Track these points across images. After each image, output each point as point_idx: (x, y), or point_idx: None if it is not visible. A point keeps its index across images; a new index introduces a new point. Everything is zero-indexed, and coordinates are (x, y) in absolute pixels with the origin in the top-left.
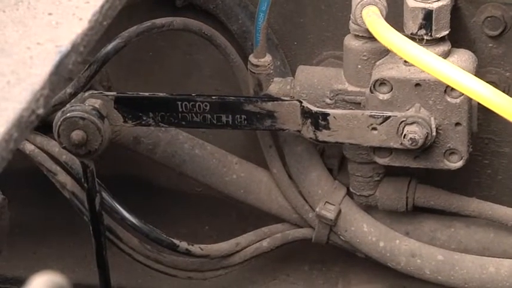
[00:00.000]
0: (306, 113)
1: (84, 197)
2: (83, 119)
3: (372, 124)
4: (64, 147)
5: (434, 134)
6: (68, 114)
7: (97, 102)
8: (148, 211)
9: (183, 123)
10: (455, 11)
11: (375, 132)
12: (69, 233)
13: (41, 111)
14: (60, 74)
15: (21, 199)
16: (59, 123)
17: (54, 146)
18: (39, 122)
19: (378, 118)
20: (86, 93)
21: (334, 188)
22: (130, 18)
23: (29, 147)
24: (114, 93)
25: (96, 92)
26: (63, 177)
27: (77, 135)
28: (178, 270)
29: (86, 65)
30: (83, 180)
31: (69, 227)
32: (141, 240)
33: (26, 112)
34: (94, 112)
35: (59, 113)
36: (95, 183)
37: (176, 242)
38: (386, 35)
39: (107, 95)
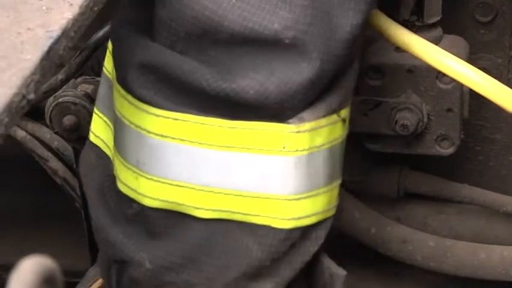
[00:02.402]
0: None
1: (76, 183)
2: (75, 104)
3: (362, 110)
4: (56, 133)
5: (425, 120)
6: (60, 100)
7: (89, 88)
8: None
9: None
10: None
11: (366, 118)
12: (61, 219)
13: (31, 96)
14: (50, 60)
15: (13, 185)
16: (51, 108)
17: (45, 133)
18: (31, 108)
19: (369, 104)
20: (78, 79)
21: None
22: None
23: (20, 134)
24: None
25: (88, 77)
26: (54, 163)
27: (68, 120)
28: None
29: (77, 52)
30: (74, 166)
31: (60, 214)
32: None
33: (16, 97)
34: (86, 97)
35: (51, 98)
36: None
37: None
38: (378, 21)
39: (99, 81)
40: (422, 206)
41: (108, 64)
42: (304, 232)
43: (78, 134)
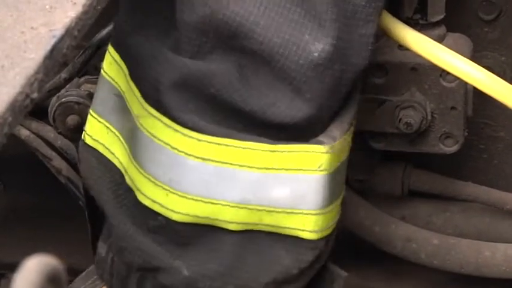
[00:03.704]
0: None
1: (80, 182)
2: (78, 103)
3: (367, 108)
4: (59, 132)
5: (429, 118)
6: (63, 99)
7: (92, 88)
8: None
9: None
10: None
11: (370, 116)
12: (65, 218)
13: (35, 95)
14: (54, 58)
15: (17, 184)
16: (54, 108)
17: (49, 132)
18: (35, 107)
19: (373, 103)
20: (81, 79)
21: None
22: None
23: (24, 133)
24: None
25: (91, 77)
26: (58, 162)
27: (72, 120)
28: None
29: (80, 51)
30: (76, 162)
31: (65, 212)
32: None
33: (20, 96)
34: (89, 97)
35: (54, 98)
36: None
37: None
38: (381, 19)
39: None
40: (426, 204)
41: (110, 70)
42: (327, 241)
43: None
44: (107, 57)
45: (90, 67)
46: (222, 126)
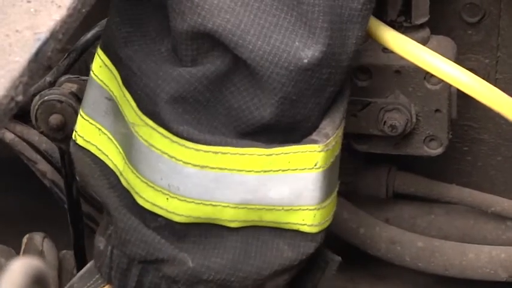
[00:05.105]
0: None
1: (64, 185)
2: (61, 102)
3: (351, 111)
4: (41, 132)
5: (414, 120)
6: (46, 98)
7: (74, 87)
8: None
9: None
10: None
11: (354, 119)
12: (50, 221)
13: (20, 98)
14: (39, 61)
15: (2, 188)
16: (37, 107)
17: (34, 135)
18: (19, 110)
19: (357, 105)
20: (62, 78)
21: None
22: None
23: (8, 136)
24: None
25: (72, 76)
26: (43, 165)
27: (55, 118)
28: None
29: (65, 54)
30: (60, 165)
31: (49, 216)
32: None
33: (5, 99)
34: (72, 96)
35: (36, 97)
36: (72, 169)
37: None
38: None
39: (84, 80)
40: (410, 206)
41: (100, 73)
42: (324, 233)
43: (65, 133)
44: (97, 60)
45: (75, 70)
46: (217, 134)
